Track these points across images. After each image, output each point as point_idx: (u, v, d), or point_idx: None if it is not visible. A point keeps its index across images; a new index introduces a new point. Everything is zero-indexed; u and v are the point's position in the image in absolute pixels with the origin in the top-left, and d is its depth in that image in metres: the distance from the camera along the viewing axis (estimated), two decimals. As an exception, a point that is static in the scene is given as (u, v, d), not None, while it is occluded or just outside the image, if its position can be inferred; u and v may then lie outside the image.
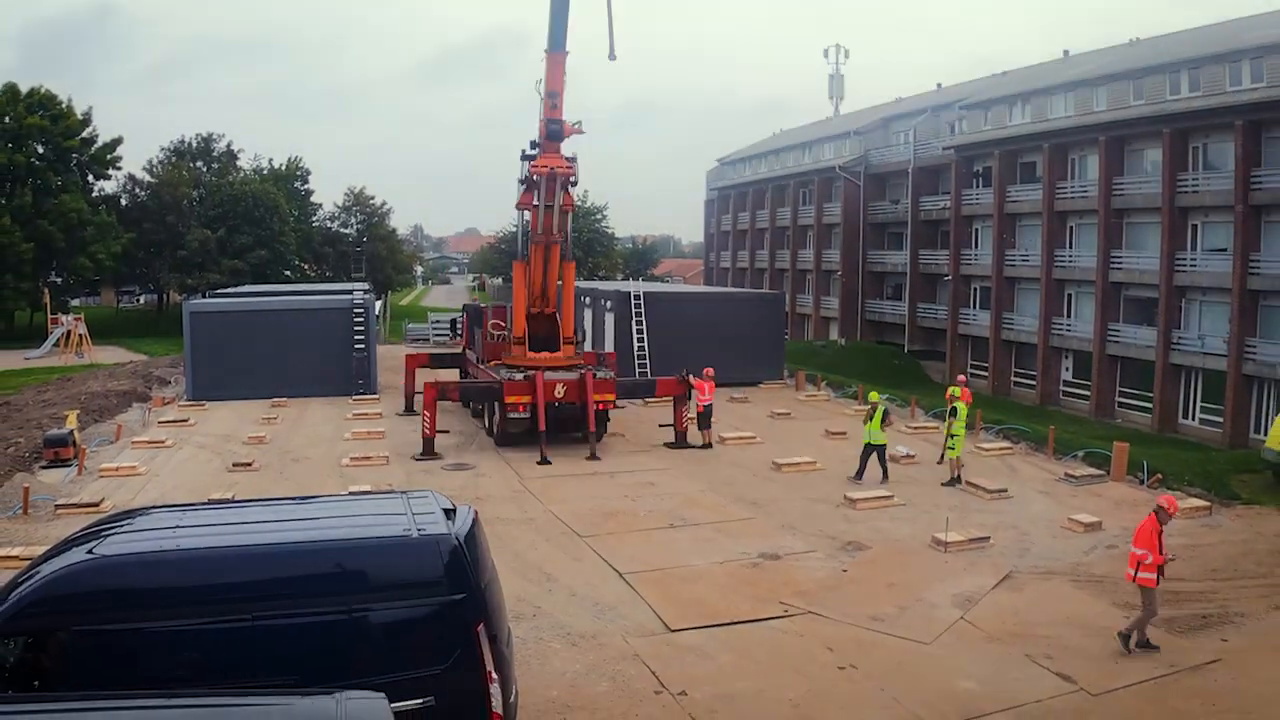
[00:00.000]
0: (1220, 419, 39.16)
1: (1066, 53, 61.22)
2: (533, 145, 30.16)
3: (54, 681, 8.67)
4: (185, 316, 39.83)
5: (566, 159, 29.58)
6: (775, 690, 13.44)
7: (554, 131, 29.26)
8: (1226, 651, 14.87)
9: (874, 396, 27.29)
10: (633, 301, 42.44)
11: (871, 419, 25.64)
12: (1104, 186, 45.22)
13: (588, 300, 47.03)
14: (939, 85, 71.95)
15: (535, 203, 30.21)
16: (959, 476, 25.62)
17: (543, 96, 29.48)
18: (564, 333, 31.29)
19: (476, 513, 10.82)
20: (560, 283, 31.31)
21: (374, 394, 39.95)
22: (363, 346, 40.09)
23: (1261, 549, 20.66)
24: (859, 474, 25.84)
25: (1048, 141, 49.27)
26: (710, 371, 30.91)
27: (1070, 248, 48.67)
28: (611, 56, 29.71)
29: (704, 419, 30.27)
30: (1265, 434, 28.66)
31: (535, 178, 29.60)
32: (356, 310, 40.27)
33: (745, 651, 14.80)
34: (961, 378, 30.56)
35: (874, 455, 25.76)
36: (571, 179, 29.97)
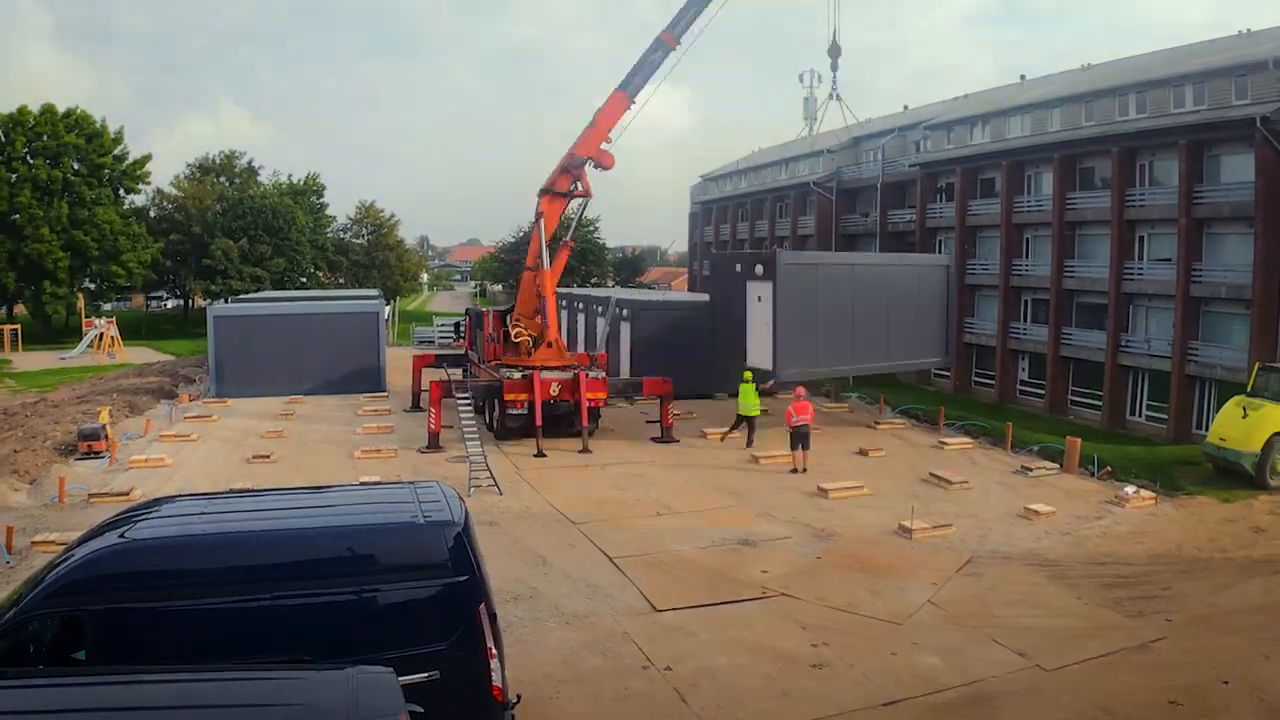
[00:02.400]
0: (1165, 416, 39.20)
1: (1023, 77, 61.29)
2: (577, 163, 31.43)
3: (88, 656, 8.66)
4: (209, 320, 39.80)
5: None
6: (753, 665, 13.46)
7: (604, 166, 31.34)
8: (1171, 630, 14.92)
9: (748, 375, 29.87)
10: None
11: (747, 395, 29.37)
12: (1058, 201, 45.20)
13: (597, 307, 44.53)
14: (905, 107, 71.79)
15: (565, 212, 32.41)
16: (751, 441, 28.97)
17: (594, 125, 30.97)
18: (549, 335, 31.42)
19: (463, 498, 10.86)
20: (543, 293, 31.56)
21: (383, 392, 39.95)
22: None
23: (1203, 536, 20.74)
24: (749, 442, 29.11)
25: (1006, 159, 49.25)
26: (802, 390, 28.01)
27: (1026, 258, 48.64)
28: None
29: (799, 439, 26.58)
30: (1206, 430, 28.70)
31: (575, 194, 31.67)
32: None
33: (725, 630, 14.82)
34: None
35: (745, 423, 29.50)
36: (588, 199, 32.22)
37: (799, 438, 26.37)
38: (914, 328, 35.14)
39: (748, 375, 29.80)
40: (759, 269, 31.63)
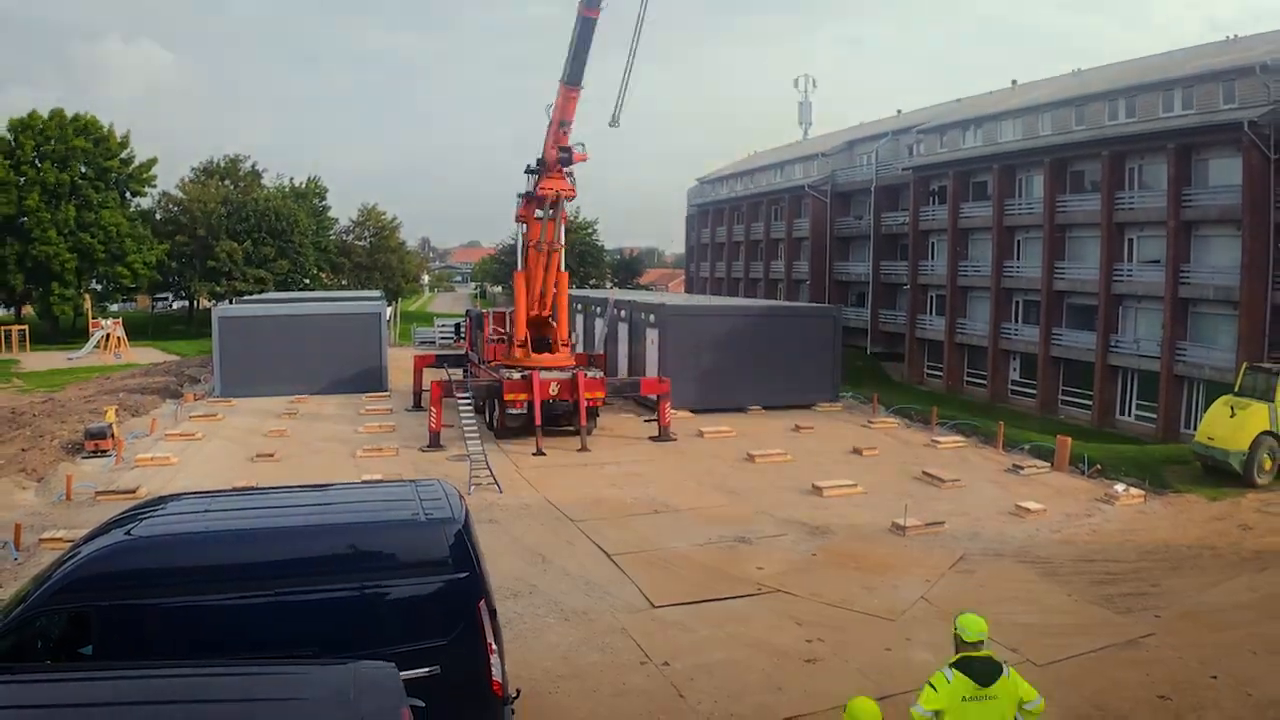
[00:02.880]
0: (1154, 415, 39.30)
1: (1014, 82, 61.35)
2: (538, 163, 30.21)
3: (95, 651, 8.66)
4: (214, 321, 39.81)
5: (568, 180, 29.71)
6: (749, 661, 13.47)
7: (564, 158, 29.40)
8: (1159, 626, 14.92)
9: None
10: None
11: None
12: (1048, 204, 45.32)
13: (595, 308, 44.08)
14: (899, 111, 71.95)
15: (538, 216, 30.34)
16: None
17: (551, 122, 29.47)
18: (560, 337, 31.38)
19: (463, 496, 10.87)
20: (556, 290, 31.38)
21: (385, 391, 39.98)
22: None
23: (1191, 533, 20.78)
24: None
25: (997, 163, 49.36)
26: None
27: (1018, 259, 48.76)
28: (614, 123, 29.65)
29: None
30: (1195, 429, 28.73)
31: (542, 196, 29.69)
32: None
33: (722, 626, 14.82)
34: None
35: None
36: (571, 197, 30.17)
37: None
38: (800, 369, 37.87)
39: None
40: (651, 317, 37.45)
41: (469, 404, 28.08)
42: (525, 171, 30.80)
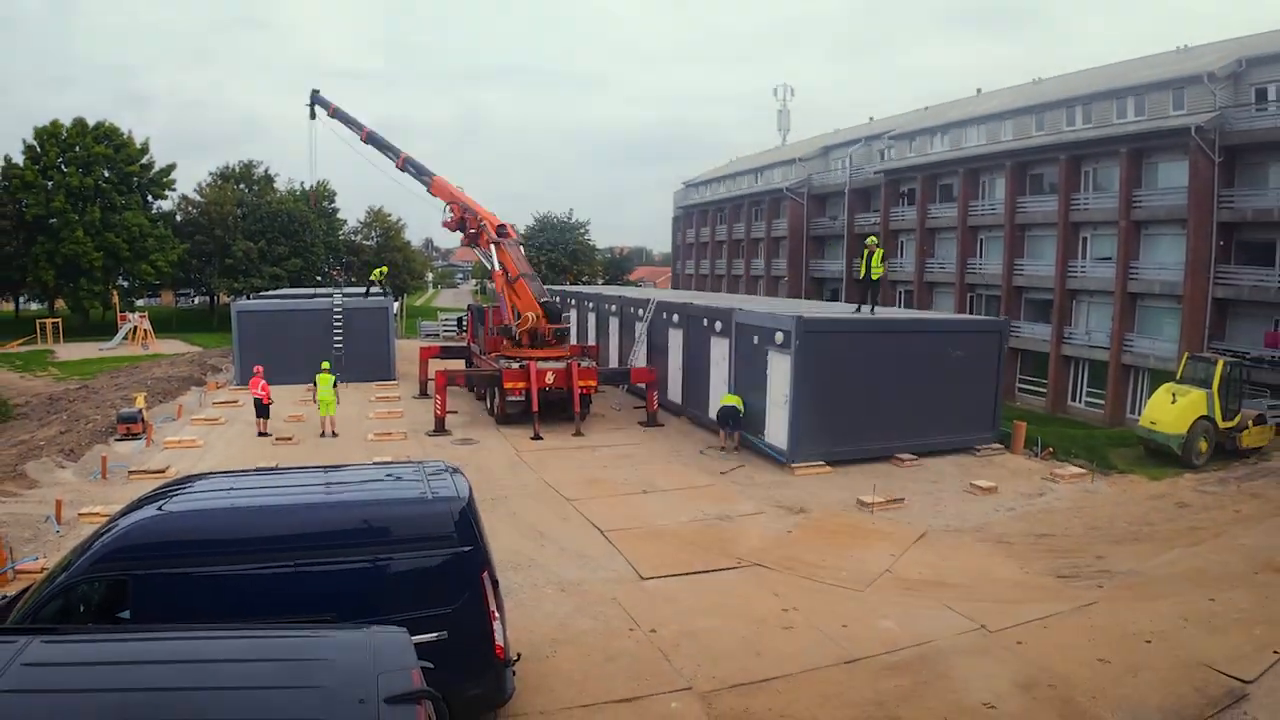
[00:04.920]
0: (1102, 402, 39.65)
1: (979, 90, 61.55)
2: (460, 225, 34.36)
3: (131, 616, 8.89)
4: (234, 315, 39.83)
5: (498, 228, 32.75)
6: (729, 628, 13.66)
7: (501, 233, 32.79)
8: (1102, 595, 15.19)
9: (325, 366, 29.76)
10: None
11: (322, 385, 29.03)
12: (1009, 205, 45.58)
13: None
14: (871, 118, 71.94)
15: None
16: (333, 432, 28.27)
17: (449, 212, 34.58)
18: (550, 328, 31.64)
19: (467, 477, 11.10)
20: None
21: (393, 380, 40.05)
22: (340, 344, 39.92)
23: (1134, 510, 21.06)
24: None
25: (962, 167, 49.58)
26: None
27: (980, 257, 49.00)
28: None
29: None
30: (1139, 414, 29.06)
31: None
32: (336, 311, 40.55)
33: (705, 596, 15.01)
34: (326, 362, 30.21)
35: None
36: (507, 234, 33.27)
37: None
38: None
39: (325, 366, 29.62)
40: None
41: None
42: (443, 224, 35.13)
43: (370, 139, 37.18)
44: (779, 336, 24.72)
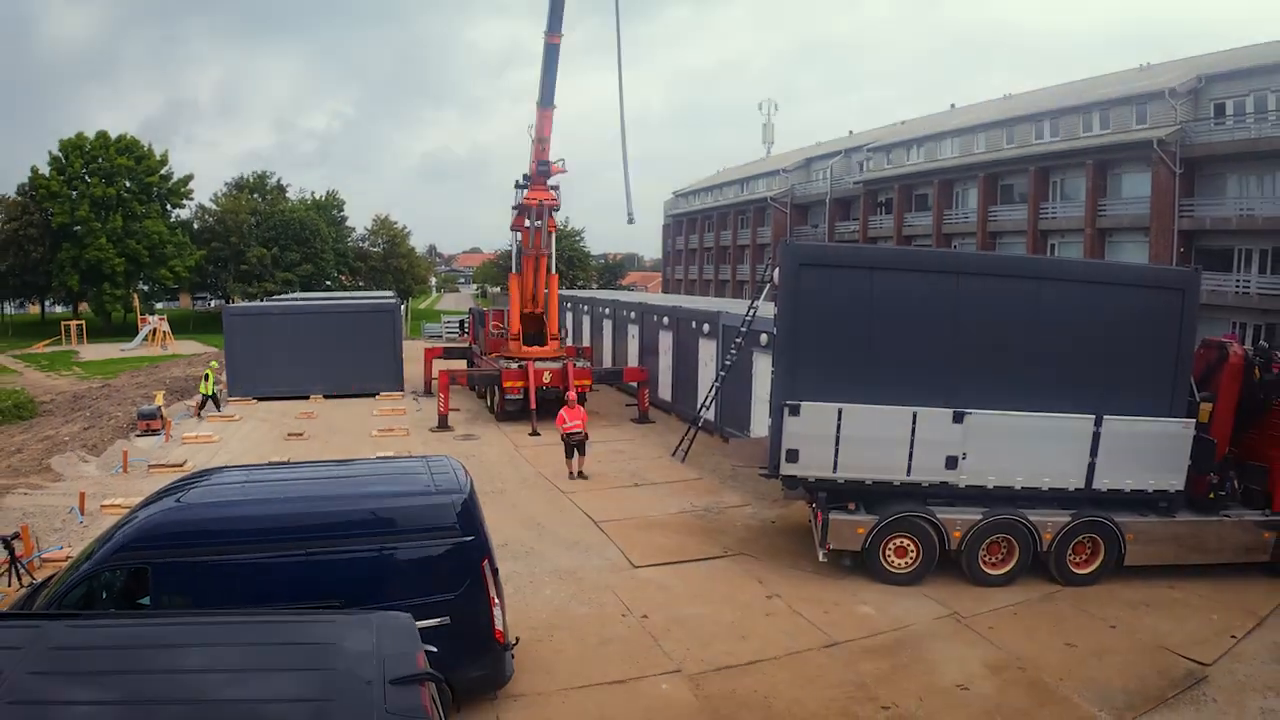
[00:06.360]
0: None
1: (953, 105, 61.77)
2: (525, 178, 30.26)
3: (151, 602, 8.93)
4: (225, 320, 37.26)
5: (552, 191, 29.79)
6: (716, 614, 13.68)
7: (543, 171, 29.40)
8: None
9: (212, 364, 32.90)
10: None
11: (206, 380, 31.29)
12: (982, 214, 45.77)
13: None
14: (850, 132, 72.16)
15: (527, 225, 30.40)
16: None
17: (533, 140, 29.58)
18: (550, 330, 31.50)
19: (468, 471, 11.11)
20: (547, 291, 31.45)
21: (399, 391, 39.59)
22: None
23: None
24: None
25: (937, 178, 49.75)
26: (573, 396, 24.15)
27: (955, 264, 49.16)
28: (630, 220, 30.44)
29: (574, 446, 22.32)
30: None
31: (528, 206, 29.80)
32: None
33: (693, 583, 15.02)
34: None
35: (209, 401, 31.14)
36: (555, 207, 30.17)
37: (573, 445, 22.35)
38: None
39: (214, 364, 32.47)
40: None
41: None
42: (515, 186, 30.90)
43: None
44: (763, 338, 24.63)
